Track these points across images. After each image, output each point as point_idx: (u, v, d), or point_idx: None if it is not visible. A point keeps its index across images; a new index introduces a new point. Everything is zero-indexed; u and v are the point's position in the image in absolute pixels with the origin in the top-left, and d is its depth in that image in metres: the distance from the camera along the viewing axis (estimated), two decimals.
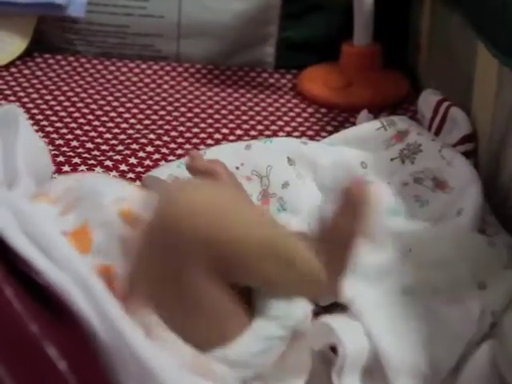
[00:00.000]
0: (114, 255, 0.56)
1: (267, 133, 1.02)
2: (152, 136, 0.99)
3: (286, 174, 0.80)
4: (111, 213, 0.58)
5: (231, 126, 1.03)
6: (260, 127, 1.03)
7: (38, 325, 0.49)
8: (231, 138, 1.00)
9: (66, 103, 1.06)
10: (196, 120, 1.04)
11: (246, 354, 0.58)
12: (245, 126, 1.03)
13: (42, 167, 0.70)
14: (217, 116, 1.05)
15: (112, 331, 0.52)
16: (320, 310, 0.67)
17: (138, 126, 1.01)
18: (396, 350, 0.63)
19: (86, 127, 1.00)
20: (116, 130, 1.00)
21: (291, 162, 0.81)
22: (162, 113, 1.05)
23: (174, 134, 1.00)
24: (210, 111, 1.06)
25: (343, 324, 0.64)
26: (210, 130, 1.02)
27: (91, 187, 0.60)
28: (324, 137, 0.96)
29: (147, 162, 0.93)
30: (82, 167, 0.91)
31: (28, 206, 0.56)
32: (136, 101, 1.07)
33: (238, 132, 1.02)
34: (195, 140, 0.99)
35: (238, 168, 0.80)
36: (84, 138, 0.98)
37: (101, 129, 1.00)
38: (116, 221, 0.58)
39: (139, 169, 0.92)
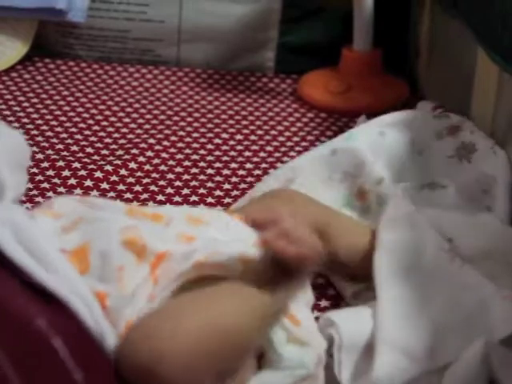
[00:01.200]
0: (108, 283, 0.57)
1: (267, 138, 1.02)
2: (152, 141, 0.99)
3: (376, 171, 0.82)
4: (114, 241, 0.58)
5: (231, 130, 1.03)
6: (260, 132, 1.03)
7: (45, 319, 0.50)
8: (231, 142, 1.00)
9: (67, 108, 1.06)
10: (196, 125, 1.04)
11: None
12: (245, 131, 1.03)
13: (22, 156, 0.69)
14: (217, 121, 1.05)
15: None
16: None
17: (138, 131, 1.01)
18: (394, 328, 0.64)
19: (86, 132, 1.00)
20: (116, 135, 1.00)
21: (374, 158, 0.83)
22: (162, 117, 1.05)
23: (173, 138, 1.00)
24: (210, 116, 1.06)
25: (343, 316, 0.66)
26: (210, 134, 1.02)
27: (99, 214, 0.60)
28: (323, 141, 0.96)
29: (147, 167, 0.93)
30: (82, 172, 0.91)
31: (27, 222, 0.57)
32: (136, 105, 1.07)
33: (238, 137, 1.02)
34: (195, 145, 0.99)
35: (330, 177, 0.83)
36: (84, 143, 0.98)
37: (101, 133, 1.00)
38: (117, 250, 0.58)
39: (139, 173, 0.92)
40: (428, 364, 0.63)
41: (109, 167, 0.92)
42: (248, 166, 0.95)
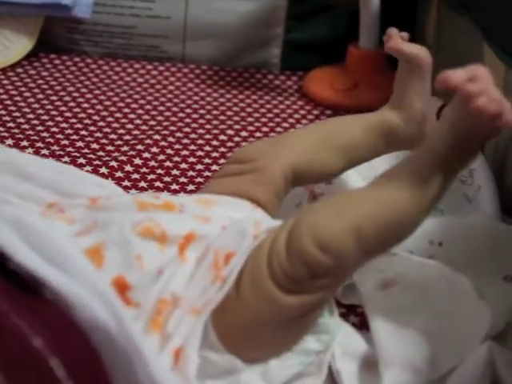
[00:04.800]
0: (127, 267, 0.56)
1: (272, 135, 1.01)
2: (157, 137, 0.99)
3: None
4: (130, 235, 0.58)
5: (236, 127, 1.03)
6: (265, 129, 1.03)
7: (42, 339, 0.49)
8: (236, 139, 1.00)
9: (72, 104, 1.06)
10: (201, 121, 1.04)
11: (282, 370, 0.59)
12: (250, 128, 1.03)
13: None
14: (222, 117, 1.05)
15: (128, 342, 0.51)
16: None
17: (144, 127, 1.01)
18: (392, 343, 0.64)
19: (92, 128, 1.00)
20: (121, 131, 1.00)
21: None
22: (168, 114, 1.05)
23: (179, 135, 1.00)
24: (215, 112, 1.06)
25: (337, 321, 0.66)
26: (216, 131, 1.01)
27: (110, 217, 0.60)
28: None
29: (152, 163, 0.93)
30: (88, 168, 0.91)
31: (41, 224, 0.56)
32: (141, 102, 1.07)
33: (244, 134, 1.01)
34: (200, 141, 0.99)
35: None
36: (89, 139, 0.98)
37: (106, 129, 1.00)
38: (135, 240, 0.57)
39: (144, 170, 0.92)
40: (431, 373, 0.63)
41: (114, 163, 0.92)
42: None
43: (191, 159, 0.95)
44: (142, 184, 0.89)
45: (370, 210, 0.58)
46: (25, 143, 0.95)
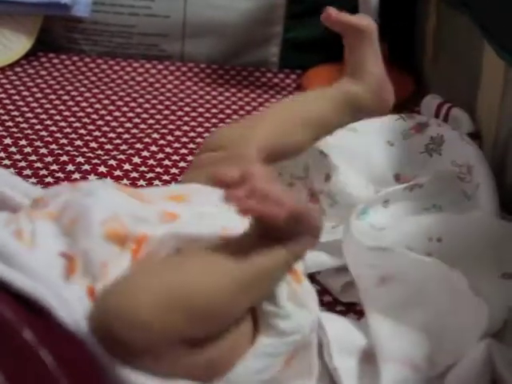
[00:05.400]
0: (95, 279, 0.57)
1: None
2: (156, 135, 0.99)
3: (323, 167, 0.81)
4: (96, 236, 0.58)
5: None
6: None
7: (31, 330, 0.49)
8: None
9: (71, 102, 1.05)
10: (200, 119, 1.03)
11: (247, 373, 0.58)
12: None
13: None
14: (221, 115, 1.05)
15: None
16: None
17: (142, 126, 1.01)
18: (390, 340, 0.64)
19: (90, 126, 1.00)
20: (120, 130, 1.00)
21: (325, 155, 0.81)
22: (166, 112, 1.05)
23: (177, 133, 1.00)
24: (214, 111, 1.06)
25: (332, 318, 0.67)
26: (214, 129, 1.01)
27: (83, 207, 0.60)
28: None
29: (151, 162, 0.93)
30: (86, 166, 0.91)
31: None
32: (140, 100, 1.07)
33: None
34: (199, 139, 0.99)
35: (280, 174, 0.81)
36: (88, 138, 0.97)
37: (105, 128, 1.00)
38: (99, 246, 0.58)
39: (143, 168, 0.92)
40: (429, 370, 0.63)
41: (113, 162, 0.92)
42: None
43: (190, 157, 0.95)
44: (141, 182, 0.89)
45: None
46: (23, 142, 0.95)
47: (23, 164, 0.91)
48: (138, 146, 0.96)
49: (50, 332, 0.51)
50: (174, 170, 0.92)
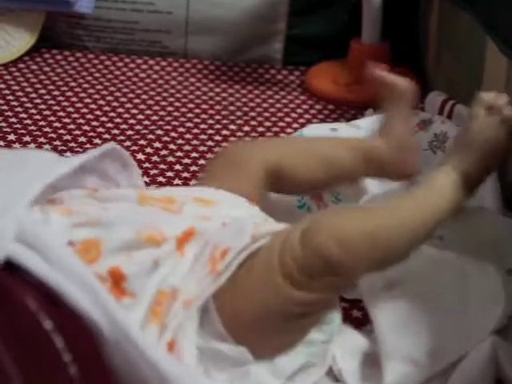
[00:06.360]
0: (122, 259, 0.57)
1: (275, 129, 1.01)
2: (159, 132, 0.99)
3: None
4: (134, 236, 0.58)
5: (239, 122, 1.03)
6: (268, 123, 1.03)
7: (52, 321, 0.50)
8: (239, 134, 1.00)
9: (74, 99, 1.06)
10: (203, 116, 1.04)
11: (289, 364, 0.60)
12: (252, 123, 1.03)
13: None
14: (224, 112, 1.05)
15: (119, 332, 0.52)
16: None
17: (146, 122, 1.01)
18: (393, 338, 0.64)
19: (94, 123, 1.00)
20: (124, 126, 1.00)
21: None
22: (170, 109, 1.05)
23: (181, 130, 1.00)
24: (217, 107, 1.06)
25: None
26: (218, 126, 1.01)
27: (113, 215, 0.60)
28: None
29: (154, 158, 0.93)
30: None
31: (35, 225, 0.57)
32: (143, 97, 1.07)
33: (246, 128, 1.01)
34: (202, 136, 0.99)
35: None
36: (91, 134, 0.98)
37: (108, 124, 1.00)
38: (136, 241, 0.58)
39: (147, 164, 0.92)
40: (433, 367, 0.63)
41: None
42: None
43: (194, 154, 0.95)
44: (145, 179, 0.89)
45: (387, 221, 0.62)
46: (27, 138, 0.95)
47: None
48: (142, 142, 0.96)
49: (69, 323, 0.51)
50: (177, 167, 0.92)
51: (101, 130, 0.99)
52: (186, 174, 0.91)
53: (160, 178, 0.90)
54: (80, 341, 0.51)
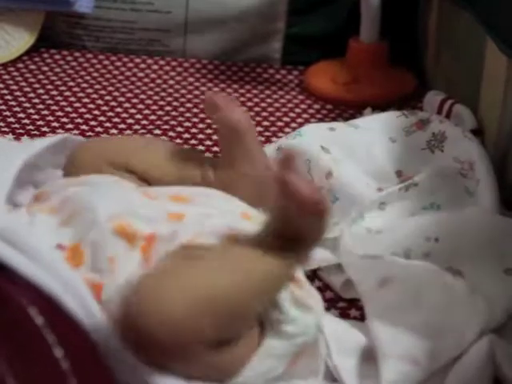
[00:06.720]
0: (103, 273, 0.57)
1: (273, 129, 1.01)
2: (158, 131, 0.99)
3: (326, 164, 0.80)
4: (104, 231, 0.58)
5: None
6: (266, 123, 1.03)
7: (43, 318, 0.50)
8: None
9: (73, 99, 1.06)
10: (202, 115, 1.03)
11: (255, 375, 0.58)
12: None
13: None
14: None
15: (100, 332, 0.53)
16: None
17: (144, 122, 1.01)
18: (389, 337, 0.64)
19: (92, 123, 1.00)
20: (122, 126, 1.00)
21: (326, 151, 0.81)
22: (168, 108, 1.05)
23: (179, 129, 1.00)
24: None
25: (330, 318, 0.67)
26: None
27: (87, 202, 0.60)
28: None
29: None
30: None
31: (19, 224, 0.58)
32: (142, 96, 1.07)
33: None
34: (201, 135, 0.99)
35: None
36: (90, 134, 0.98)
37: (107, 124, 1.00)
38: (109, 240, 0.58)
39: None
40: (430, 365, 0.63)
41: None
42: None
43: None
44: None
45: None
46: (25, 138, 0.95)
47: None
48: None
49: (59, 319, 0.52)
50: None
51: (99, 129, 0.99)
52: None
53: None
54: (72, 336, 0.51)
